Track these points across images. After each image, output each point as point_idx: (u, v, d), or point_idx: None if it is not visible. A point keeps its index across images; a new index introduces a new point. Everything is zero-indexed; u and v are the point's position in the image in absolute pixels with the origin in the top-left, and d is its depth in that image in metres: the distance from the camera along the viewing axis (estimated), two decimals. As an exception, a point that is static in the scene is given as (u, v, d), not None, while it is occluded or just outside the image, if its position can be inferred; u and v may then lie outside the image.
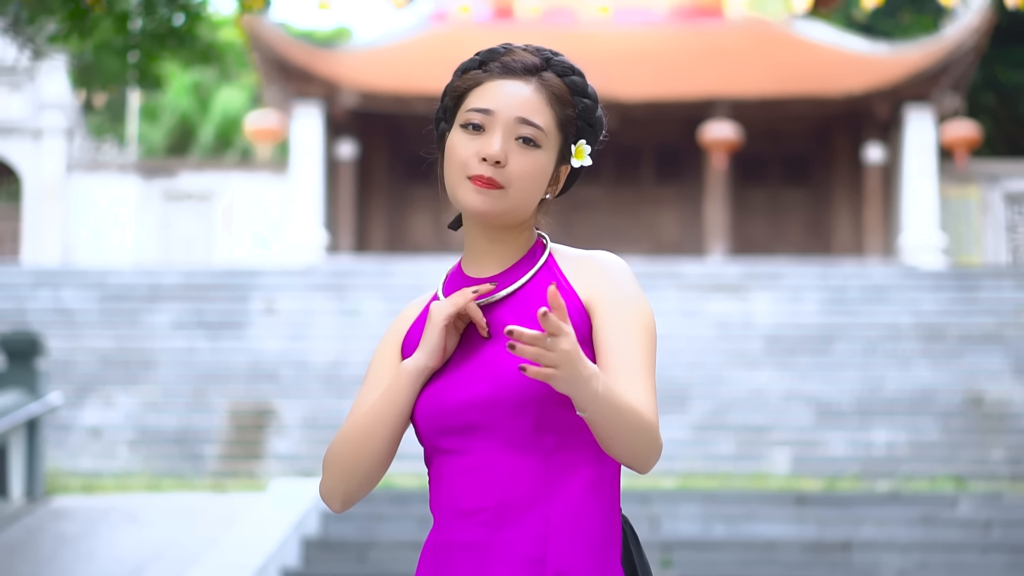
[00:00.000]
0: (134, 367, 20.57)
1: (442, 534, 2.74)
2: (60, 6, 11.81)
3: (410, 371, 2.75)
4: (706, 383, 19.90)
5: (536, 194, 2.79)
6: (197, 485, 16.53)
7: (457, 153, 2.77)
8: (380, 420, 2.76)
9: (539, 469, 2.71)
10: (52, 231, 27.36)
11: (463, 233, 2.87)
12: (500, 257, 2.83)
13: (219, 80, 43.37)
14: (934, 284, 23.30)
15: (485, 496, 2.71)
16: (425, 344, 2.75)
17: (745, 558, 11.88)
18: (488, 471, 2.71)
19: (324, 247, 27.34)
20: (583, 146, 2.83)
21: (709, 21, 30.74)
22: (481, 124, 2.76)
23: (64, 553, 11.50)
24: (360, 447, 2.77)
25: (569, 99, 2.81)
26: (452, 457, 2.75)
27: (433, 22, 30.58)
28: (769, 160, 30.19)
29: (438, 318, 2.75)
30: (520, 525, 2.69)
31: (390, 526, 12.58)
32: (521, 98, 2.77)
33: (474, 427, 2.72)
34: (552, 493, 2.71)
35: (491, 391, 2.71)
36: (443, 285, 2.88)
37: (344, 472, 2.78)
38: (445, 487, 2.75)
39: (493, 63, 2.80)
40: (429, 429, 2.76)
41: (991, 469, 17.93)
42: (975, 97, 32.09)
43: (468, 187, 2.75)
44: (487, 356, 2.75)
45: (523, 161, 2.75)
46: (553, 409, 2.69)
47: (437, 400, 2.75)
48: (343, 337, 21.27)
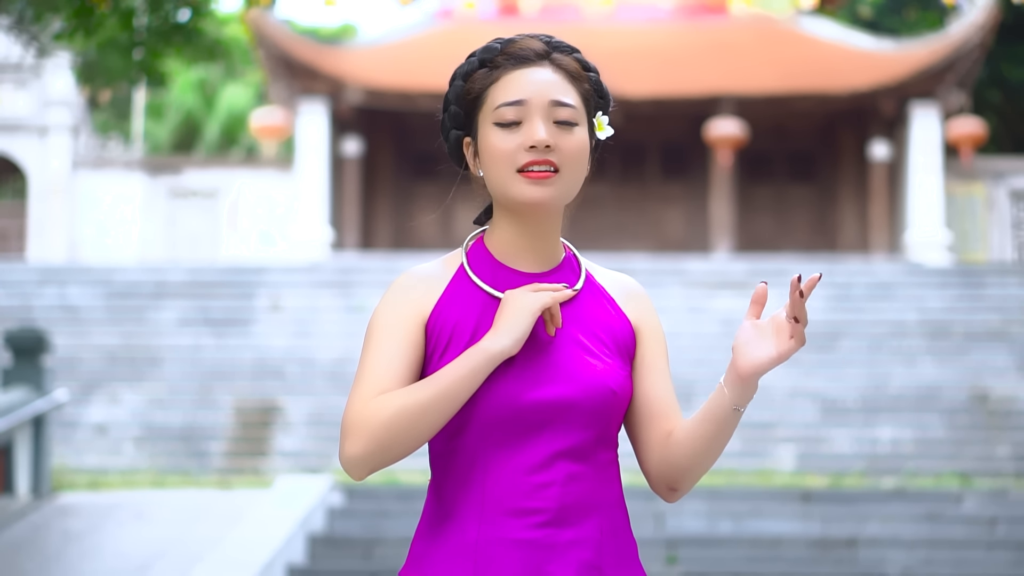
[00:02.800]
0: (140, 364, 20.59)
1: (487, 531, 2.70)
2: (65, 4, 11.83)
3: (492, 354, 2.67)
4: (711, 380, 19.89)
5: (583, 173, 2.81)
6: (203, 482, 16.54)
7: (500, 151, 2.75)
8: (451, 396, 2.66)
9: (594, 478, 2.75)
10: (58, 228, 27.38)
11: (497, 225, 2.84)
12: (540, 253, 2.83)
13: (224, 77, 43.38)
14: (939, 281, 23.30)
15: (547, 498, 2.70)
16: (512, 330, 2.68)
17: (750, 555, 11.88)
18: (551, 473, 2.70)
19: (330, 244, 27.36)
20: (601, 118, 2.84)
21: (714, 17, 30.74)
22: (516, 118, 2.75)
23: (70, 550, 11.52)
24: (422, 423, 2.66)
25: (583, 74, 2.83)
26: (507, 453, 2.71)
27: (438, 19, 30.59)
28: (774, 157, 30.18)
29: (533, 306, 2.70)
30: (579, 530, 2.72)
31: (396, 522, 12.58)
32: (548, 82, 2.77)
33: (542, 426, 2.71)
34: (602, 503, 2.75)
35: (571, 394, 2.72)
36: (468, 262, 2.83)
37: (392, 444, 2.66)
38: (492, 483, 2.71)
39: (499, 57, 2.79)
40: (490, 419, 2.71)
41: (996, 466, 17.93)
42: (981, 94, 32.07)
43: (521, 181, 2.74)
44: (558, 358, 2.75)
45: (569, 142, 2.76)
46: (614, 422, 2.77)
47: (508, 393, 2.71)
48: (349, 334, 21.28)
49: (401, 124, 29.67)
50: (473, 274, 2.82)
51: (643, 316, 2.87)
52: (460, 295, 2.79)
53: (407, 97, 27.70)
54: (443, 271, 2.84)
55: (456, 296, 2.80)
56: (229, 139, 42.73)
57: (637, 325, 2.86)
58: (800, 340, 2.64)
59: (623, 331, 2.84)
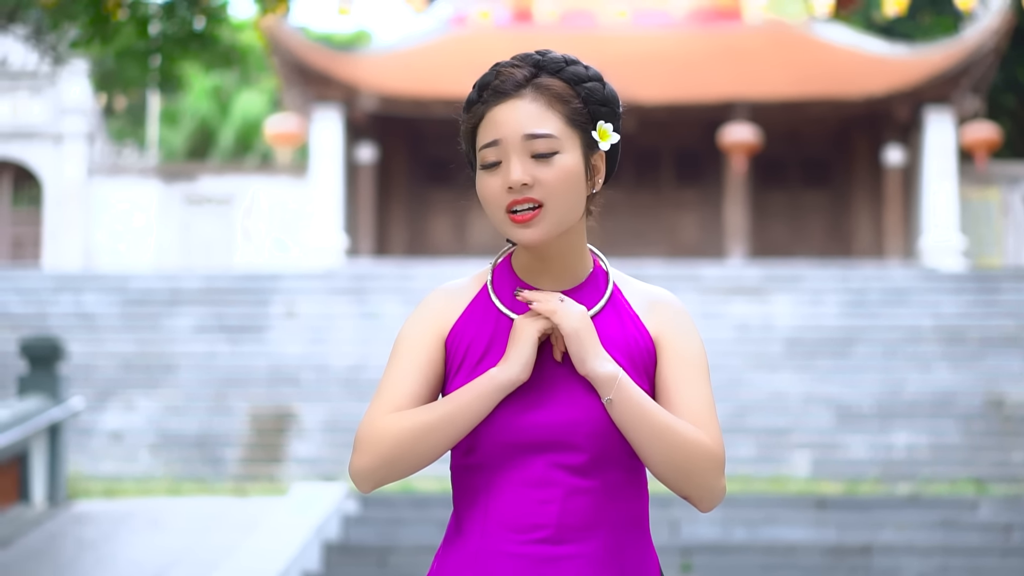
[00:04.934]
0: (155, 371, 20.63)
1: (488, 543, 2.75)
2: (82, 12, 11.87)
3: (502, 383, 2.73)
4: (726, 386, 19.89)
5: (576, 197, 2.78)
6: (218, 489, 16.57)
7: (487, 195, 2.77)
8: (456, 421, 2.73)
9: (598, 496, 2.76)
10: (73, 236, 27.44)
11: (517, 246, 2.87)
12: (558, 274, 2.84)
13: (239, 84, 43.45)
14: (954, 286, 23.27)
15: (547, 514, 2.73)
16: (518, 358, 2.73)
17: (765, 562, 11.88)
18: (552, 491, 2.73)
19: (344, 251, 27.39)
20: (603, 127, 2.81)
21: (728, 23, 30.73)
22: (496, 159, 2.75)
23: (85, 558, 11.54)
24: (426, 443, 2.73)
25: (571, 92, 2.78)
26: (511, 472, 2.75)
27: (452, 26, 30.61)
28: (789, 162, 30.16)
29: (531, 333, 2.75)
30: (579, 547, 2.74)
31: (411, 530, 12.60)
32: (520, 115, 2.75)
33: (544, 446, 2.74)
34: (606, 521, 2.76)
35: (570, 418, 2.74)
36: (494, 283, 2.87)
37: (398, 461, 2.74)
38: (496, 500, 2.75)
39: (486, 91, 2.79)
40: (496, 441, 2.76)
41: (1012, 472, 17.90)
42: (995, 99, 32.03)
43: (512, 225, 2.75)
44: (562, 379, 2.77)
45: (549, 173, 2.74)
46: (620, 442, 2.76)
47: (512, 415, 2.75)
48: (363, 341, 21.31)
49: (415, 131, 29.70)
50: (493, 292, 2.85)
51: (664, 327, 2.85)
52: (479, 313, 2.83)
53: (421, 104, 27.73)
54: (470, 288, 2.88)
55: (475, 314, 2.83)
56: (244, 146, 42.80)
57: (657, 337, 2.85)
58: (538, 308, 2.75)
59: (642, 346, 2.83)
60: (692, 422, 2.76)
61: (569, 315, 2.74)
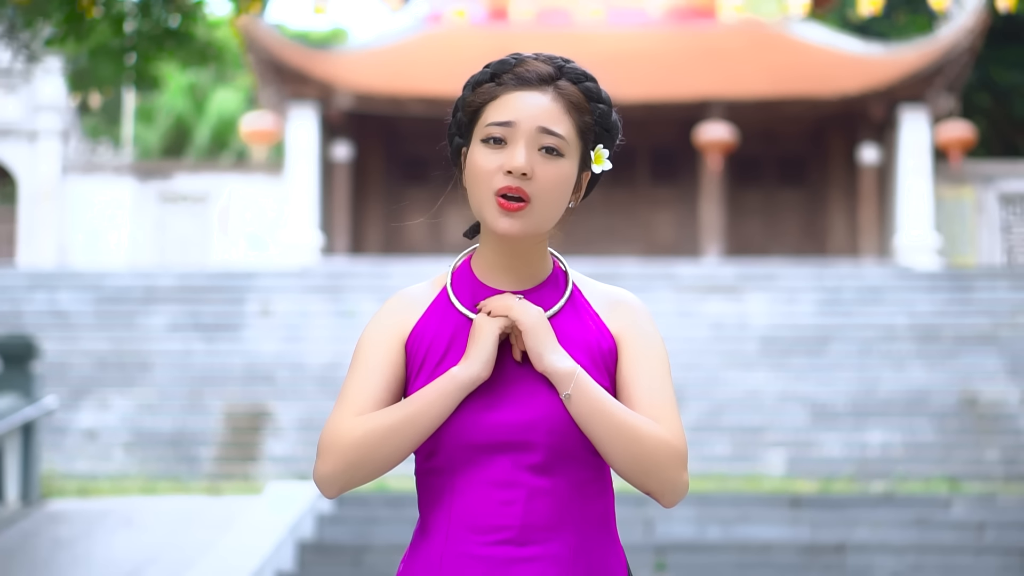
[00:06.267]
0: (130, 369, 20.58)
1: (452, 546, 2.75)
2: (56, 10, 11.83)
3: (463, 381, 2.74)
4: (701, 384, 19.92)
5: (561, 204, 2.81)
6: (193, 488, 16.54)
7: (481, 169, 2.77)
8: (418, 422, 2.73)
9: (561, 496, 2.77)
10: (48, 233, 27.35)
11: (481, 242, 2.88)
12: (520, 273, 2.85)
13: (215, 82, 43.36)
14: (929, 285, 23.33)
15: (510, 515, 2.74)
16: (479, 355, 2.74)
17: (740, 561, 11.90)
18: (515, 492, 2.74)
19: (320, 249, 27.35)
20: (601, 151, 2.84)
21: (704, 22, 30.76)
22: (502, 137, 2.76)
23: (60, 557, 11.52)
24: (389, 445, 2.73)
25: (586, 106, 2.82)
26: (473, 472, 2.76)
27: (428, 23, 30.59)
28: (764, 161, 30.21)
29: (491, 331, 2.76)
30: (544, 548, 2.74)
31: (385, 529, 12.60)
32: (540, 108, 2.77)
33: (505, 447, 2.75)
34: (571, 521, 2.77)
35: (530, 417, 2.75)
36: (452, 285, 2.88)
37: (362, 464, 2.74)
38: (459, 502, 2.76)
39: (506, 75, 2.80)
40: (458, 443, 2.76)
41: (985, 470, 17.96)
42: (970, 98, 32.13)
43: (495, 209, 2.76)
44: (521, 378, 2.78)
45: (549, 171, 2.76)
46: (580, 440, 2.76)
47: (473, 415, 2.75)
48: (339, 339, 21.28)
49: (391, 129, 29.67)
50: (453, 294, 2.85)
51: (625, 326, 2.86)
52: (438, 315, 2.85)
53: (397, 102, 27.71)
54: (429, 292, 2.91)
55: (435, 316, 2.85)
56: (219, 144, 42.71)
57: (618, 336, 2.86)
58: (495, 307, 2.78)
59: (604, 346, 2.84)
60: (653, 418, 2.76)
61: (527, 311, 2.75)
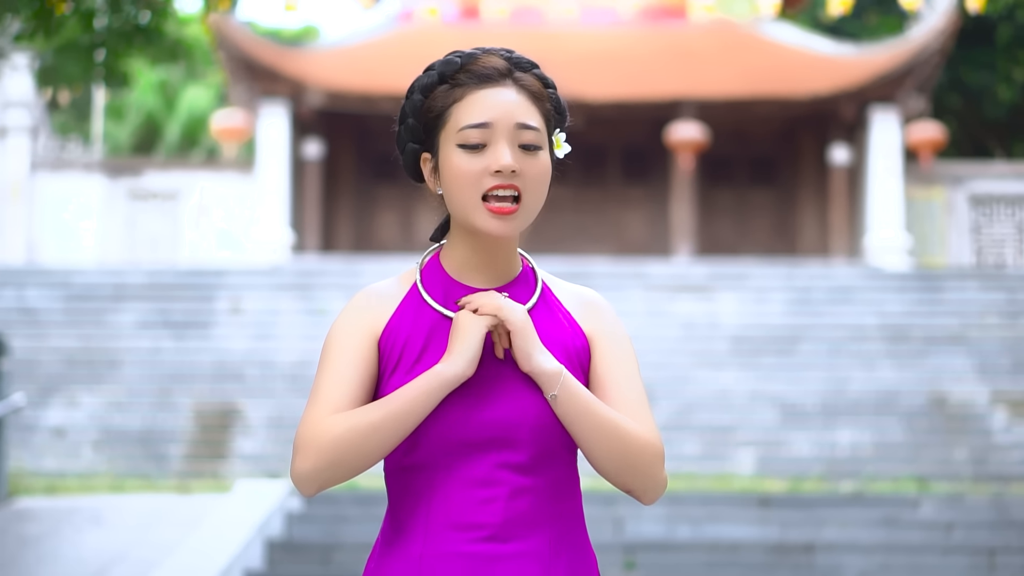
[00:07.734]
0: (98, 367, 20.50)
1: (432, 544, 2.73)
2: (24, 5, 11.76)
3: (447, 378, 2.70)
4: (671, 383, 19.94)
5: (544, 196, 2.79)
6: (161, 486, 16.48)
7: (464, 174, 2.73)
8: (401, 419, 2.69)
9: (541, 495, 2.76)
10: (16, 230, 27.23)
11: (453, 240, 2.84)
12: (495, 270, 2.83)
13: (185, 79, 43.25)
14: (899, 285, 23.40)
15: (491, 513, 2.73)
16: (464, 353, 2.70)
17: (709, 560, 11.91)
18: (496, 490, 2.73)
19: (290, 247, 27.30)
20: (558, 135, 2.83)
21: (675, 22, 30.79)
22: (481, 140, 2.72)
23: (27, 555, 11.46)
24: (371, 442, 2.69)
25: (544, 93, 2.80)
26: (454, 470, 2.74)
27: (400, 22, 30.56)
28: (735, 161, 30.25)
29: (477, 328, 2.72)
30: (524, 545, 2.74)
31: (354, 528, 12.57)
32: (512, 103, 2.74)
33: (488, 444, 2.74)
34: (549, 518, 2.77)
35: (512, 415, 2.74)
36: (422, 281, 2.84)
37: (341, 462, 2.69)
38: (438, 500, 2.73)
39: (460, 74, 2.76)
40: (440, 439, 2.74)
41: (954, 470, 18.02)
42: (940, 99, 32.22)
43: (484, 212, 2.73)
44: (503, 376, 2.76)
45: (533, 167, 2.75)
46: (562, 439, 2.76)
47: (456, 412, 2.73)
48: (309, 337, 21.24)
49: (362, 127, 29.63)
50: (425, 292, 2.82)
51: (597, 326, 2.86)
52: (411, 313, 2.81)
53: (368, 100, 27.67)
54: (398, 289, 2.85)
55: (407, 314, 2.81)
56: (190, 141, 42.60)
57: (591, 335, 2.85)
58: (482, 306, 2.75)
59: (577, 344, 2.84)
60: (629, 416, 2.77)
61: (515, 311, 2.73)
